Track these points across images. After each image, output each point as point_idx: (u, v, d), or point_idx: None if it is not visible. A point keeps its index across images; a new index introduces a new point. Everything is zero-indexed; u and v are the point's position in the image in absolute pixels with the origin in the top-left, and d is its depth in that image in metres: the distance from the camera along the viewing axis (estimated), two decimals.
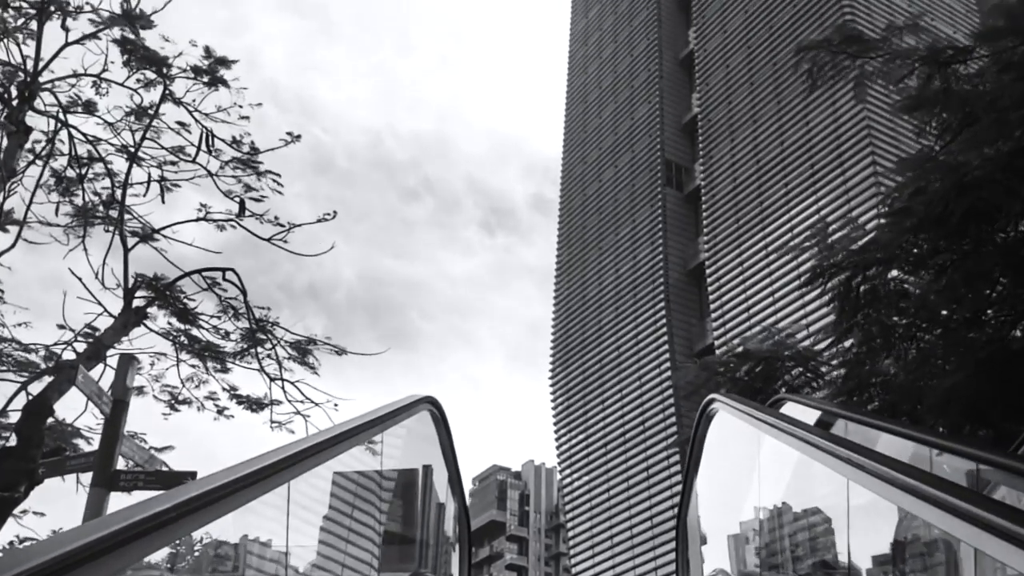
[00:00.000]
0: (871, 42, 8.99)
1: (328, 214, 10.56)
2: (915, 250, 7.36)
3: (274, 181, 10.57)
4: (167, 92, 10.27)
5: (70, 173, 10.35)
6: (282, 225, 10.58)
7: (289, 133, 10.54)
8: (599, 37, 60.25)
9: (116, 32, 9.79)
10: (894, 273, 7.85)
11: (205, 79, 10.41)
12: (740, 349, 11.67)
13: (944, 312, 7.67)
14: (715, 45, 48.99)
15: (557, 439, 48.80)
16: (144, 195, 10.39)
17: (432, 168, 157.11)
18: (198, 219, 10.46)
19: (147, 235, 10.14)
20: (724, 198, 43.59)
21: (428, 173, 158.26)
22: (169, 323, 10.25)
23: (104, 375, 9.89)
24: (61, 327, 9.96)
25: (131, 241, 9.89)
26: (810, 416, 5.02)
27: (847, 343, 8.76)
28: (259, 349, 10.27)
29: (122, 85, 10.27)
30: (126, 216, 9.99)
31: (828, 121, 39.69)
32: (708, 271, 42.94)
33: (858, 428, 4.60)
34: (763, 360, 10.57)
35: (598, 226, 51.72)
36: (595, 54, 59.88)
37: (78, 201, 10.46)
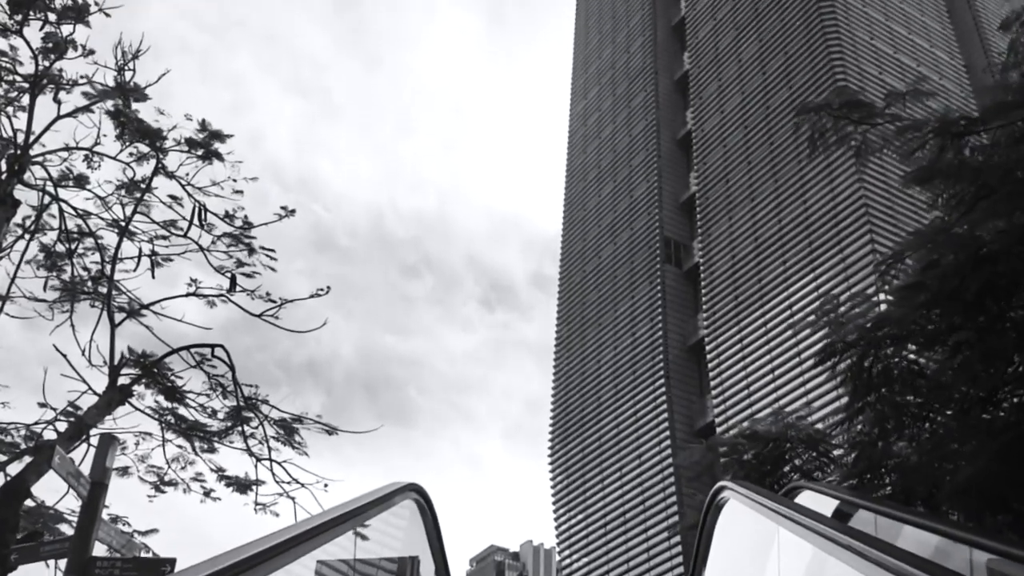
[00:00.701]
0: (874, 108, 8.88)
1: (321, 289, 10.32)
2: (929, 326, 7.10)
3: (267, 256, 10.37)
4: (160, 166, 10.12)
5: (59, 248, 10.15)
6: (274, 301, 10.32)
7: (284, 207, 10.36)
8: (598, 118, 61.06)
9: (109, 104, 9.68)
10: (908, 351, 7.58)
11: (199, 152, 10.27)
12: (748, 431, 11.30)
13: (958, 391, 7.38)
14: (712, 126, 49.57)
15: (556, 519, 47.80)
16: (134, 270, 10.17)
17: (432, 245, 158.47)
18: (188, 295, 10.19)
19: (134, 311, 9.87)
20: (723, 275, 43.53)
21: (428, 250, 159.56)
22: (156, 401, 9.94)
23: (87, 456, 9.54)
24: (42, 405, 9.63)
25: (119, 317, 9.64)
26: (828, 505, 4.68)
27: (858, 423, 8.43)
28: (245, 428, 9.92)
29: (115, 159, 10.15)
30: (115, 292, 9.75)
31: (826, 199, 39.86)
32: (708, 348, 42.61)
33: (881, 519, 4.27)
34: (771, 442, 10.21)
35: (597, 302, 51.59)
36: (594, 134, 60.60)
37: (66, 276, 10.23)
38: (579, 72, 66.93)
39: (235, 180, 10.51)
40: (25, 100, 9.40)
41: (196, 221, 10.12)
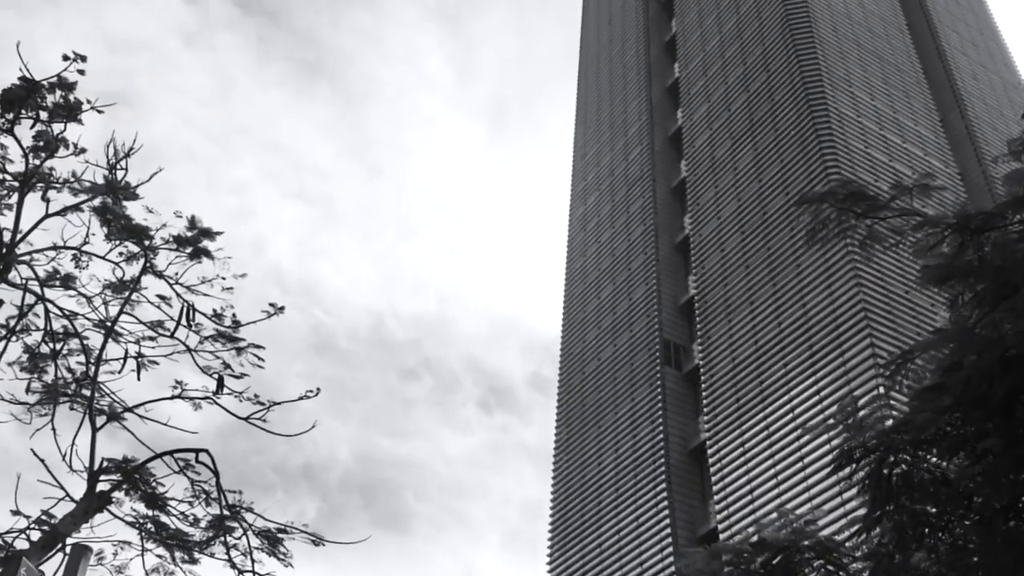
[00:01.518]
0: (878, 201, 8.70)
1: (311, 391, 10.00)
2: (952, 431, 6.76)
3: (255, 356, 10.10)
4: (148, 265, 9.94)
5: (44, 349, 9.89)
6: (262, 403, 9.98)
7: (272, 304, 10.13)
8: (597, 222, 61.68)
9: (97, 202, 9.55)
10: (930, 457, 7.21)
11: (188, 250, 10.10)
12: (755, 537, 10.78)
13: (979, 499, 7.00)
14: (710, 230, 49.97)
15: None
16: (119, 372, 9.89)
17: (431, 348, 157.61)
18: (173, 397, 9.87)
19: (114, 414, 9.52)
20: (723, 377, 43.14)
21: (427, 353, 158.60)
22: (133, 509, 9.49)
23: (62, 566, 9.07)
24: (15, 513, 9.20)
25: (101, 420, 9.30)
26: None
27: (875, 535, 7.99)
28: (228, 538, 9.46)
29: (103, 258, 9.95)
30: (99, 394, 9.44)
31: (825, 303, 39.82)
32: (709, 451, 41.88)
33: None
34: (781, 551, 9.73)
35: (597, 405, 50.99)
36: (594, 238, 61.10)
37: (48, 378, 9.92)
38: (578, 178, 67.98)
39: (224, 278, 10.31)
40: (13, 199, 9.29)
41: (184, 321, 9.88)
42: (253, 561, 9.35)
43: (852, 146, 45.75)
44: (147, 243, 9.97)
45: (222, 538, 9.39)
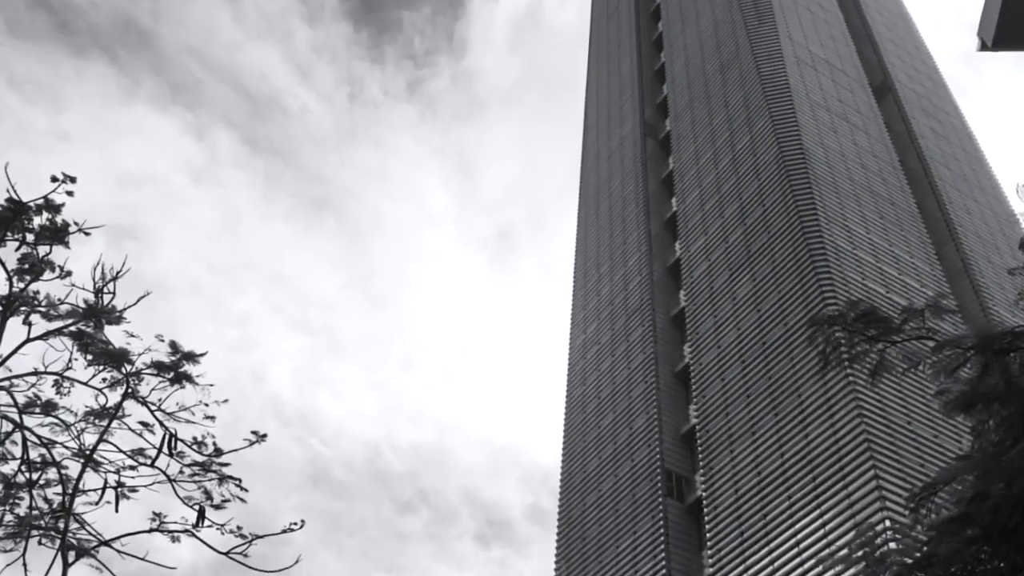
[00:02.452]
0: (891, 323, 8.62)
1: (295, 524, 9.79)
2: (980, 565, 6.52)
3: (237, 487, 9.92)
4: (128, 391, 9.89)
5: (20, 479, 9.74)
6: (244, 536, 9.79)
7: (254, 432, 10.00)
8: (597, 351, 61.76)
9: (76, 327, 9.56)
10: None
11: (169, 375, 10.07)
12: None
13: None
14: (710, 360, 49.98)
15: None
16: (97, 503, 9.69)
17: (428, 479, 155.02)
18: (151, 530, 9.63)
19: (83, 549, 9.25)
20: (727, 511, 42.28)
21: (424, 484, 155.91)
22: None
23: None
24: None
25: (73, 554, 9.08)
26: None
27: None
28: None
29: (86, 384, 9.92)
30: (76, 525, 9.24)
31: (827, 433, 39.45)
32: None
33: None
34: None
35: (598, 538, 49.79)
36: (594, 366, 61.05)
37: (20, 510, 9.69)
38: (579, 307, 68.48)
39: (206, 404, 10.17)
40: None
41: (166, 450, 9.75)
42: None
43: (849, 278, 46.26)
44: (128, 368, 9.94)
45: None
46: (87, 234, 9.86)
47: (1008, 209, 63.21)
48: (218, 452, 10.09)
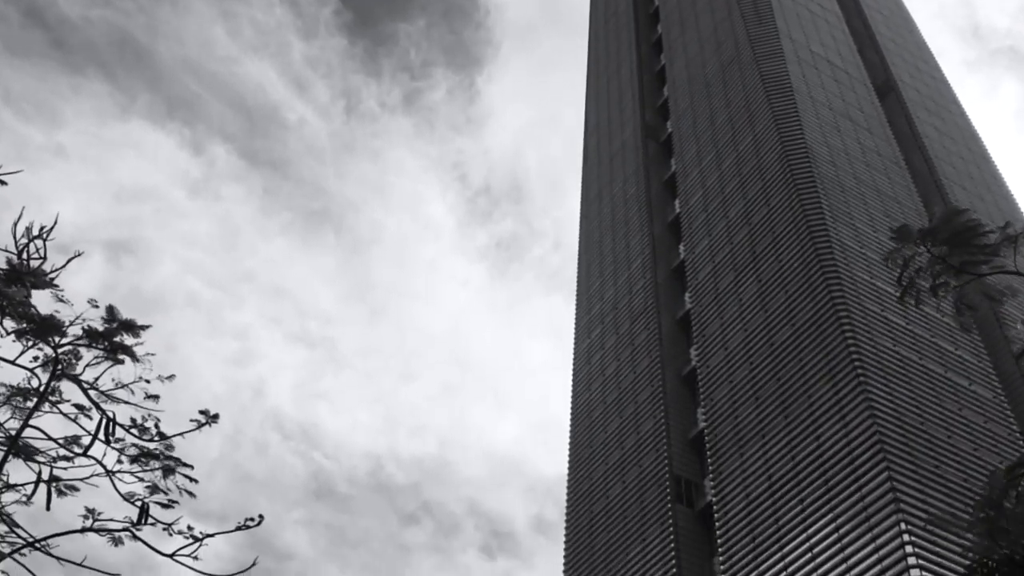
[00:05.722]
0: (984, 247, 7.59)
1: (251, 519, 8.79)
2: None
3: (186, 478, 8.87)
4: (59, 369, 8.76)
5: None
6: (196, 537, 8.67)
7: (203, 412, 8.89)
8: (602, 355, 60.98)
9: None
10: None
11: (103, 345, 8.77)
12: None
13: None
14: (717, 362, 49.24)
15: None
16: (29, 500, 8.59)
17: (432, 491, 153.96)
18: (84, 530, 8.48)
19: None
20: (738, 516, 41.48)
21: (427, 496, 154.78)
22: None
23: None
24: None
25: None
26: None
27: None
28: None
29: (13, 363, 8.69)
30: (3, 530, 8.24)
31: (839, 435, 38.71)
32: None
33: None
34: None
35: (606, 546, 48.95)
36: (599, 371, 60.27)
37: None
38: (582, 312, 67.71)
39: (147, 381, 8.87)
40: None
41: (103, 436, 8.63)
42: None
43: (857, 277, 45.58)
44: (57, 339, 8.76)
45: None
46: (3, 183, 8.79)
47: (1014, 206, 62.59)
48: (161, 436, 8.89)
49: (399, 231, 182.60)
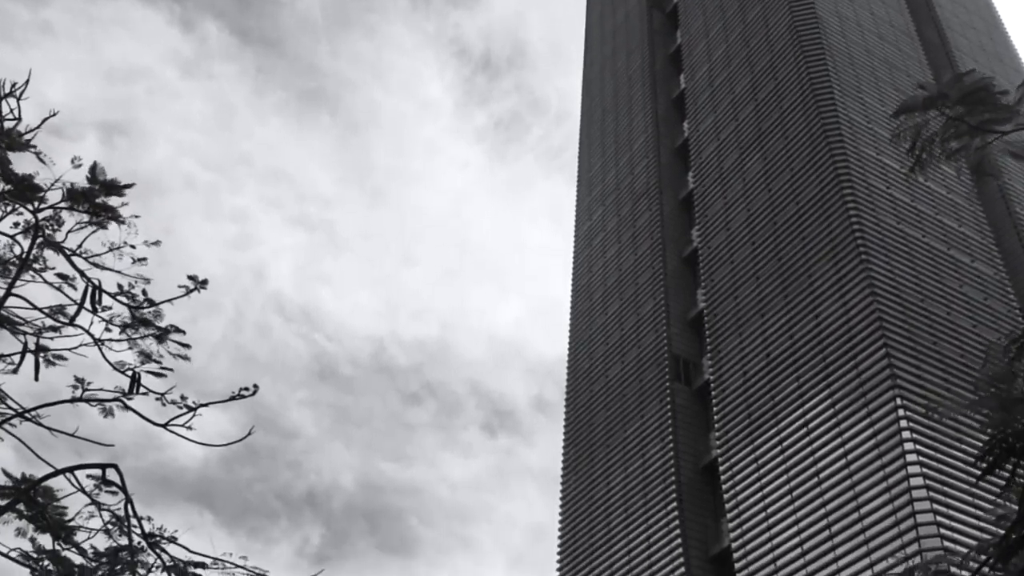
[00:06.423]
0: (1000, 108, 7.06)
1: (246, 389, 8.61)
2: None
3: (178, 344, 8.66)
4: (41, 235, 8.52)
5: None
6: (190, 407, 8.53)
7: (192, 278, 8.65)
8: (603, 237, 60.54)
9: None
10: None
11: (84, 207, 8.44)
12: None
13: None
14: (719, 242, 48.77)
15: None
16: (15, 371, 8.40)
17: (434, 373, 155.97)
18: (74, 400, 8.36)
19: None
20: (735, 393, 41.82)
21: (430, 378, 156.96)
22: (32, 540, 8.21)
23: None
24: None
25: None
26: None
27: None
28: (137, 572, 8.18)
29: None
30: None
31: (838, 314, 38.56)
32: (722, 468, 40.51)
33: None
34: None
35: (605, 423, 49.69)
36: (599, 253, 59.95)
37: None
38: (583, 193, 66.91)
39: (133, 246, 8.66)
40: None
41: (89, 304, 8.39)
42: None
43: (864, 153, 44.57)
44: (36, 204, 8.48)
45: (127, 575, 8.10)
46: None
47: None
48: (150, 303, 8.71)
49: (396, 111, 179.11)
